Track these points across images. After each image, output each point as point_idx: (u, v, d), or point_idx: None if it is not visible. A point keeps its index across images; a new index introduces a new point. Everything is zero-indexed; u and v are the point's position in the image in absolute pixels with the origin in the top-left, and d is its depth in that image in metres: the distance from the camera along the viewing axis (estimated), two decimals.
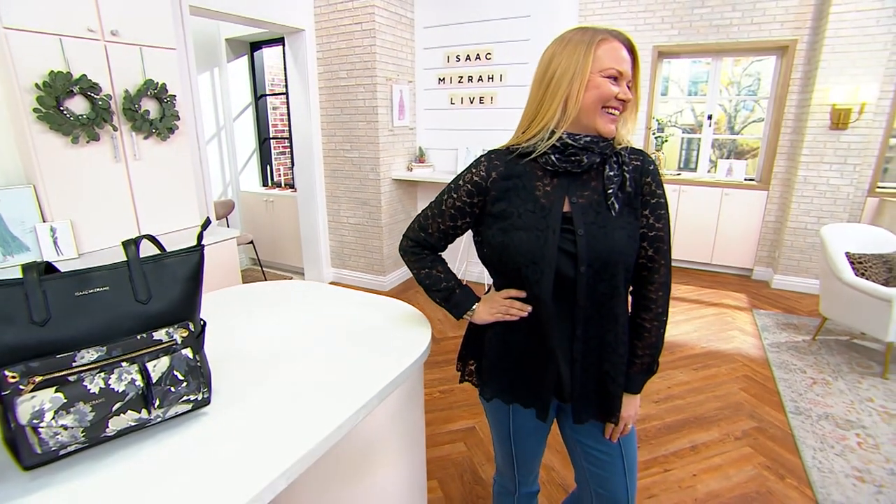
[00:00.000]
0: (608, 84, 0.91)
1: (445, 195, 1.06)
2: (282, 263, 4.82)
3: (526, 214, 0.96)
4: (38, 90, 1.84)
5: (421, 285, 1.13)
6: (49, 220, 1.96)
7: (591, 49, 0.90)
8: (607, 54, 0.90)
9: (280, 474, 0.73)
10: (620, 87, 0.92)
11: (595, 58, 0.90)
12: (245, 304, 1.46)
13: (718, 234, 4.43)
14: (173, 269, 0.85)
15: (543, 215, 0.95)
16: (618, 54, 0.91)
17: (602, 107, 0.92)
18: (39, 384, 0.71)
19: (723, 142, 5.30)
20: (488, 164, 1.01)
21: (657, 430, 2.23)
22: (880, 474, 1.93)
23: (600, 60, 0.90)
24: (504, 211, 0.98)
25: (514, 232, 0.95)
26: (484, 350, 1.10)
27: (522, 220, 0.95)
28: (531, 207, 0.96)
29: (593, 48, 0.90)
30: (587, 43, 0.91)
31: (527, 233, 0.94)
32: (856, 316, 2.78)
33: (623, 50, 0.92)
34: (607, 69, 0.90)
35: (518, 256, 0.95)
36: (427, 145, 4.25)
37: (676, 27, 4.19)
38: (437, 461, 2.03)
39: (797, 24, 3.83)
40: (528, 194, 0.97)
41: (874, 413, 2.35)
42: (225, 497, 0.69)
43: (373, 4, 3.50)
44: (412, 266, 1.14)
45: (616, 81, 0.92)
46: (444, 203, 1.06)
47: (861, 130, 3.64)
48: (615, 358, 1.00)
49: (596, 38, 0.91)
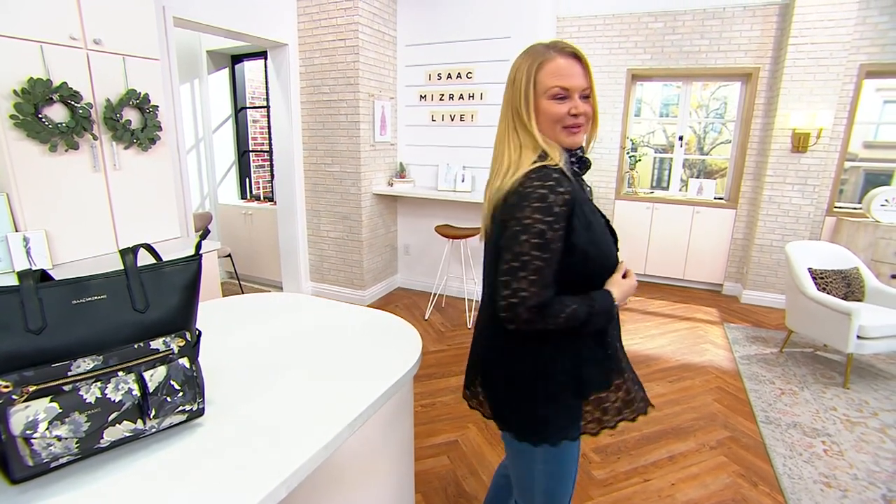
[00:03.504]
0: (555, 105, 0.93)
1: (546, 233, 0.87)
2: (260, 277, 4.75)
3: (596, 222, 0.96)
4: (16, 97, 1.80)
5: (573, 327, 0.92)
6: (22, 230, 1.89)
7: (532, 75, 0.92)
8: (548, 75, 0.92)
9: (280, 483, 0.73)
10: (571, 102, 0.93)
11: (537, 83, 0.92)
12: (233, 315, 1.44)
13: (690, 251, 4.59)
14: (171, 278, 0.85)
15: (604, 221, 1.01)
16: (561, 71, 0.92)
17: (561, 126, 0.94)
18: (33, 394, 0.69)
19: (693, 162, 5.53)
20: (560, 177, 0.91)
21: (636, 441, 2.28)
22: (845, 479, 2.02)
23: (542, 83, 0.92)
24: (585, 219, 0.93)
25: (600, 237, 0.96)
26: (549, 391, 0.98)
27: (598, 227, 0.96)
28: (591, 209, 0.96)
29: (534, 73, 0.92)
30: (527, 70, 0.93)
31: (605, 237, 0.98)
32: (819, 329, 2.92)
33: (571, 64, 0.93)
34: (551, 89, 0.92)
35: (607, 262, 0.98)
36: (408, 161, 4.30)
37: (649, 52, 4.39)
38: (420, 475, 2.02)
39: (759, 53, 4.07)
40: (585, 200, 0.96)
41: (838, 421, 2.46)
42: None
43: (356, 22, 3.55)
44: (554, 323, 0.90)
45: (564, 99, 0.93)
46: (548, 243, 0.87)
47: (819, 154, 3.87)
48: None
49: (536, 63, 0.93)
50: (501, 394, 1.04)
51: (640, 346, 3.38)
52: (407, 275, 4.56)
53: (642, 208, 4.66)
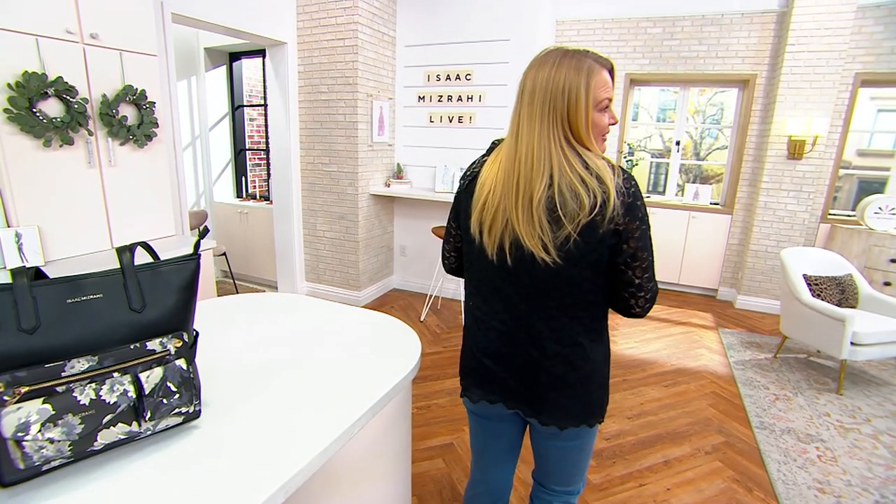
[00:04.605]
0: (604, 119, 0.96)
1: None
2: (255, 276, 4.71)
3: None
4: (10, 90, 1.77)
5: None
6: (14, 226, 1.87)
7: (590, 89, 0.92)
8: (599, 88, 0.93)
9: (279, 487, 0.72)
10: (609, 112, 0.97)
11: (589, 95, 0.92)
12: (228, 315, 1.42)
13: (686, 256, 4.61)
14: (169, 277, 0.83)
15: None
16: (607, 83, 0.94)
17: (601, 136, 0.98)
18: (26, 395, 0.67)
19: (689, 167, 5.55)
20: None
21: (632, 446, 2.27)
22: (838, 485, 2.02)
23: (596, 96, 0.93)
24: None
25: None
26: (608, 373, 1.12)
27: None
28: None
29: (591, 86, 0.92)
30: (584, 83, 0.91)
31: None
32: (813, 335, 2.94)
33: (608, 75, 0.96)
34: (602, 102, 0.94)
35: None
36: (405, 162, 4.28)
37: (647, 57, 4.41)
38: (416, 478, 2.00)
39: (756, 60, 4.10)
40: None
41: (831, 427, 2.47)
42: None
43: (356, 22, 3.54)
44: None
45: (605, 110, 0.96)
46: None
47: (814, 161, 3.89)
48: None
49: (591, 75, 0.92)
50: (584, 387, 1.05)
51: (635, 350, 3.38)
52: (403, 276, 4.54)
53: None
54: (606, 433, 2.36)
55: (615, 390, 2.78)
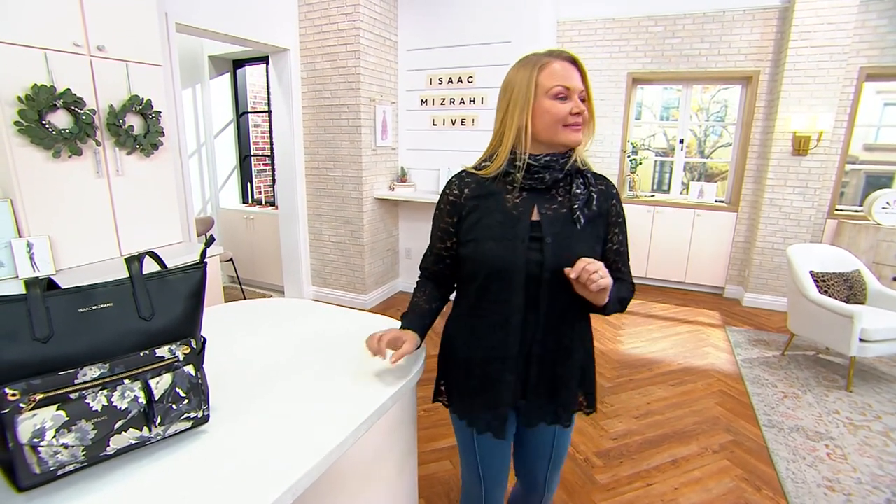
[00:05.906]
0: (558, 105, 0.97)
1: (434, 221, 1.12)
2: (261, 281, 4.75)
3: (496, 225, 1.01)
4: (20, 103, 1.81)
5: None
6: (26, 236, 1.90)
7: (533, 77, 0.96)
8: (549, 76, 0.96)
9: (286, 490, 0.73)
10: (572, 102, 0.97)
11: (538, 84, 0.96)
12: (236, 321, 1.45)
13: (691, 254, 4.59)
14: (176, 285, 0.85)
15: (512, 224, 1.00)
16: (561, 73, 0.96)
17: (562, 125, 0.98)
18: (40, 402, 0.69)
19: (694, 165, 5.53)
20: (460, 183, 1.07)
21: (639, 445, 2.27)
22: (849, 483, 2.01)
23: (543, 85, 0.96)
24: (476, 223, 1.03)
25: (486, 242, 1.01)
26: (450, 370, 1.17)
27: (493, 231, 1.01)
28: (500, 218, 1.01)
29: (535, 75, 0.96)
30: (529, 72, 0.97)
31: (496, 242, 1.00)
32: (821, 332, 2.92)
33: (569, 68, 0.97)
34: (552, 89, 0.96)
35: (489, 265, 1.00)
36: (409, 165, 4.31)
37: (649, 55, 4.41)
38: (423, 480, 2.01)
39: (759, 56, 4.08)
40: (498, 206, 1.02)
41: (841, 425, 2.45)
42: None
43: (358, 27, 3.57)
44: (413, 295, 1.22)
45: (566, 99, 0.97)
46: (434, 229, 1.13)
47: (820, 157, 3.87)
48: (569, 363, 1.06)
49: (537, 66, 0.97)
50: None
51: (642, 349, 3.38)
52: (408, 279, 4.56)
53: (643, 211, 4.66)
54: (613, 433, 2.36)
55: (622, 390, 2.78)
